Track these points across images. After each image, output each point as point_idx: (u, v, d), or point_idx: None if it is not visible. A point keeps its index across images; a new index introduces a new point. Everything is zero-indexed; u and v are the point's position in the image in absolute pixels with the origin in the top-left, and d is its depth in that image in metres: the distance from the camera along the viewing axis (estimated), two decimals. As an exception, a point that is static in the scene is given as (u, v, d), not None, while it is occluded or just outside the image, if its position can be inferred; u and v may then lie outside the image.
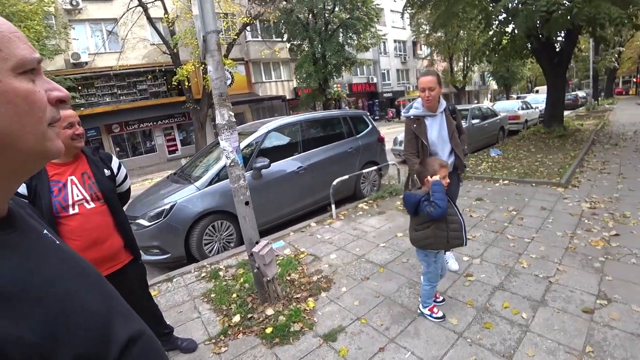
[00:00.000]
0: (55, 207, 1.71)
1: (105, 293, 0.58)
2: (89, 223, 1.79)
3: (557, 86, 10.33)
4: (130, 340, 0.53)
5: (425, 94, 2.65)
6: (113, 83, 16.90)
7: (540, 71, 11.88)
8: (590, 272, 2.85)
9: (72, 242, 1.74)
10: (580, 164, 6.57)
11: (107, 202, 1.88)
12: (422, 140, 2.73)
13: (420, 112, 2.77)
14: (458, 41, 26.56)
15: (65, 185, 1.77)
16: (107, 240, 1.86)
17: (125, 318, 0.57)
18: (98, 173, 1.89)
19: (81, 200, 1.79)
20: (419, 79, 2.72)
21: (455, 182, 3.00)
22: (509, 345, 2.14)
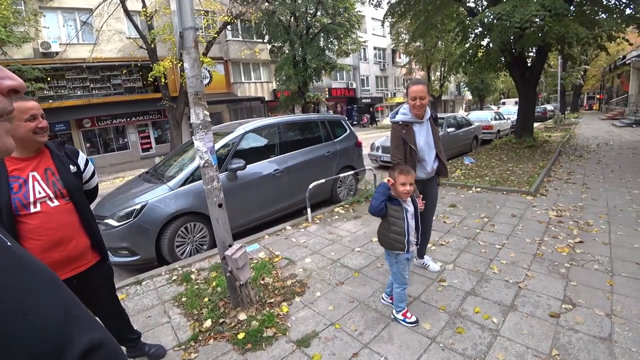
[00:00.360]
0: (15, 205, 1.59)
1: (62, 298, 0.53)
2: (52, 222, 1.68)
3: (528, 99, 10.80)
4: (90, 349, 0.48)
5: (416, 102, 2.70)
6: (85, 76, 16.16)
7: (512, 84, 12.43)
8: (557, 277, 2.96)
9: (34, 242, 1.64)
10: (548, 174, 6.87)
11: (72, 200, 1.77)
12: (411, 146, 2.76)
13: (409, 118, 2.81)
14: (436, 51, 27.34)
15: (26, 182, 1.65)
16: (72, 240, 1.76)
17: (85, 325, 0.52)
18: (63, 169, 1.77)
19: (44, 198, 1.67)
20: (410, 87, 2.76)
21: (435, 186, 3.10)
22: (480, 350, 2.17)
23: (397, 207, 2.29)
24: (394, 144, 2.85)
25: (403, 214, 2.29)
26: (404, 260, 2.41)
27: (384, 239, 2.40)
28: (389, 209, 2.29)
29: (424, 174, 2.91)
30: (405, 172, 2.24)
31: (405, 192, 2.23)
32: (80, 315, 0.52)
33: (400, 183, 2.22)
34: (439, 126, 10.32)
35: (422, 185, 2.96)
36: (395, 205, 2.29)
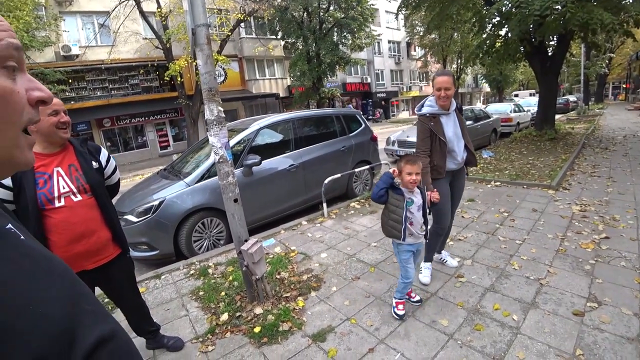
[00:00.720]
0: (41, 200, 1.66)
1: (73, 291, 0.53)
2: (75, 216, 1.75)
3: (549, 90, 10.43)
4: (100, 341, 0.49)
5: (441, 93, 2.68)
6: (104, 77, 16.57)
7: (532, 75, 12.00)
8: (581, 274, 2.86)
9: (58, 235, 1.70)
10: (571, 167, 6.63)
11: (94, 195, 1.83)
12: (440, 137, 2.74)
13: (436, 110, 2.79)
14: (452, 43, 26.73)
15: (51, 177, 1.71)
16: (94, 233, 1.82)
17: (95, 318, 0.52)
18: (85, 165, 1.84)
19: (67, 193, 1.74)
20: (435, 78, 2.75)
21: (463, 176, 3.09)
22: (500, 348, 2.12)
23: (399, 196, 2.31)
24: (420, 136, 2.81)
25: (403, 203, 2.29)
26: (404, 252, 2.42)
27: (385, 225, 2.45)
28: (390, 197, 2.32)
29: (454, 164, 2.87)
30: (411, 161, 2.24)
31: (411, 182, 2.24)
32: (91, 309, 0.53)
33: (406, 172, 2.24)
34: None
35: (452, 175, 2.94)
36: (397, 195, 2.31)
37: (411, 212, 2.31)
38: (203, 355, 2.32)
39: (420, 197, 2.36)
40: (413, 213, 2.31)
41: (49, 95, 0.49)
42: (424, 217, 2.38)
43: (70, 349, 0.45)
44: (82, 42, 15.72)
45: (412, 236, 2.35)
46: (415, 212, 2.32)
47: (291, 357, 2.22)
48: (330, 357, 2.18)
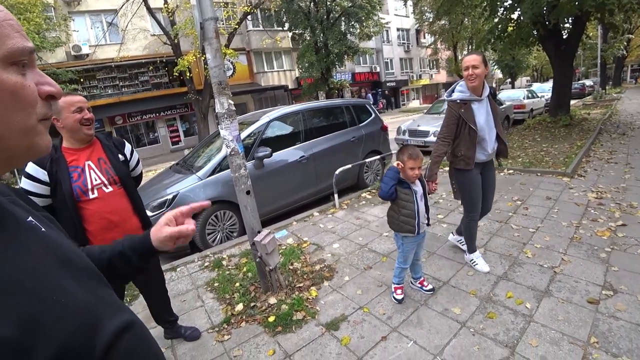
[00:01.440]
0: (76, 192, 1.77)
1: (93, 282, 0.55)
2: (108, 206, 1.86)
3: (563, 75, 10.13)
4: (119, 331, 0.51)
5: (469, 72, 2.52)
6: (115, 75, 16.80)
7: (546, 60, 11.62)
8: (596, 262, 2.82)
9: (94, 225, 1.82)
10: (587, 154, 6.47)
11: (123, 186, 1.94)
12: (470, 125, 2.58)
13: (467, 95, 2.61)
14: (462, 29, 26.07)
15: (84, 170, 1.82)
16: (126, 222, 1.93)
17: (115, 308, 0.55)
18: (113, 158, 1.95)
19: (100, 185, 1.84)
20: (464, 58, 2.64)
21: (493, 168, 2.95)
22: (513, 335, 2.13)
23: (407, 190, 2.30)
24: (446, 122, 2.67)
25: (413, 196, 2.29)
26: (410, 243, 2.43)
27: (394, 221, 2.42)
28: (399, 192, 2.31)
29: (484, 155, 2.72)
30: (414, 156, 2.23)
31: (414, 176, 2.26)
32: (109, 299, 0.55)
33: (409, 167, 2.24)
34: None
35: (482, 167, 2.80)
36: (405, 189, 2.30)
37: (417, 204, 2.31)
38: (219, 345, 2.39)
39: (421, 186, 2.37)
40: (418, 204, 2.32)
41: (58, 90, 0.51)
42: (426, 205, 2.39)
43: (92, 338, 0.47)
44: (91, 41, 15.94)
45: (420, 227, 2.36)
46: (419, 202, 2.33)
47: (305, 345, 2.27)
48: (344, 345, 2.22)
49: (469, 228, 2.92)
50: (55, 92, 0.50)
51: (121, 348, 0.50)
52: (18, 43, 0.44)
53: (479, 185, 2.78)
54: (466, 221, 2.92)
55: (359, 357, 2.11)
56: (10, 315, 0.39)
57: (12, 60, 0.43)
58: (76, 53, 15.18)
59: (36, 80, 0.47)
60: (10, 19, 0.45)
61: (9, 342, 0.37)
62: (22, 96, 0.44)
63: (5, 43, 0.43)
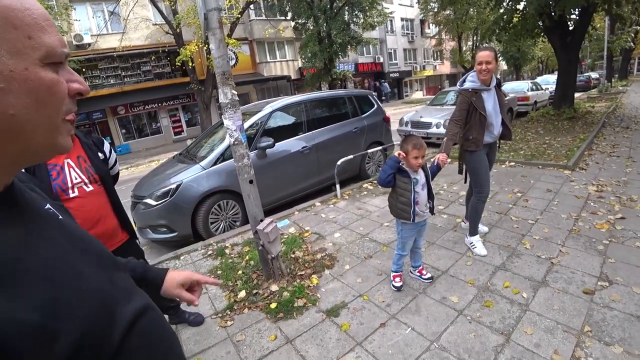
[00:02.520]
0: (56, 190, 1.73)
1: (109, 269, 0.57)
2: (88, 205, 1.83)
3: (568, 66, 10.02)
4: (136, 316, 0.53)
5: (482, 67, 2.77)
6: (117, 64, 16.74)
7: (552, 51, 11.45)
8: (593, 254, 2.86)
9: None
10: (589, 147, 6.46)
11: (104, 184, 1.92)
12: (480, 112, 2.85)
13: (478, 85, 2.88)
14: (467, 19, 25.73)
15: (63, 169, 1.79)
16: (104, 220, 1.91)
17: (130, 294, 0.57)
18: (93, 156, 1.92)
19: (80, 183, 1.82)
20: (478, 53, 2.86)
21: (496, 149, 3.29)
22: (508, 324, 2.18)
23: (406, 179, 2.36)
24: (458, 107, 2.93)
25: (411, 186, 2.34)
26: (409, 230, 2.50)
27: (393, 208, 2.52)
28: (397, 180, 2.38)
29: (490, 138, 3.03)
30: (418, 146, 2.27)
31: (417, 165, 2.30)
32: (124, 285, 0.57)
33: (413, 157, 2.27)
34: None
35: (488, 148, 3.11)
36: (404, 177, 2.36)
37: (416, 191, 2.35)
38: (222, 330, 2.46)
39: (423, 173, 2.41)
40: (418, 192, 2.36)
41: (86, 87, 0.52)
42: (429, 192, 2.43)
43: (111, 323, 0.49)
44: (93, 31, 15.81)
45: (417, 216, 2.40)
46: (420, 190, 2.37)
47: (306, 331, 2.33)
48: (344, 331, 2.28)
49: (476, 208, 3.10)
50: (83, 90, 0.51)
51: (137, 332, 0.52)
52: (57, 46, 0.45)
53: (486, 165, 3.05)
54: (475, 201, 3.10)
55: (358, 342, 2.17)
56: (34, 301, 0.41)
57: (49, 60, 0.45)
58: (78, 43, 15.09)
59: (66, 78, 0.49)
60: (49, 19, 0.46)
61: (36, 327, 0.39)
62: (56, 92, 0.46)
63: (47, 44, 0.44)
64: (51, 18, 0.47)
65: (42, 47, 0.44)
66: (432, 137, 8.14)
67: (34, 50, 0.43)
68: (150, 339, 0.56)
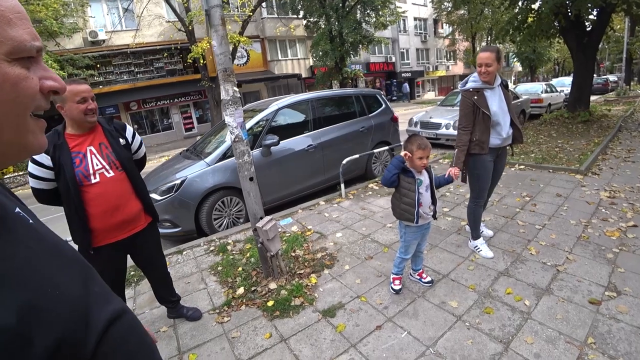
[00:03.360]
0: (79, 177, 1.81)
1: (83, 274, 0.55)
2: (109, 190, 1.90)
3: (584, 68, 9.75)
4: (110, 321, 0.51)
5: (482, 69, 2.70)
6: (130, 61, 16.97)
7: (568, 53, 11.10)
8: (602, 262, 2.76)
9: (96, 208, 1.86)
10: (604, 151, 6.28)
11: (125, 170, 1.98)
12: (483, 110, 2.74)
13: (479, 84, 2.79)
14: (482, 19, 25.34)
15: (85, 156, 1.86)
16: (127, 205, 1.98)
17: (104, 299, 0.55)
18: (114, 143, 1.98)
19: (101, 169, 1.89)
20: (478, 54, 2.77)
21: (505, 156, 3.14)
22: (508, 332, 2.12)
23: (410, 179, 2.31)
24: (462, 112, 2.84)
25: (415, 186, 2.29)
26: (412, 234, 2.45)
27: (396, 209, 2.45)
28: (401, 180, 2.33)
29: (499, 139, 2.84)
30: (422, 146, 2.23)
31: (421, 165, 2.26)
32: (99, 290, 0.55)
33: (417, 157, 2.23)
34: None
35: (496, 154, 2.94)
36: (408, 177, 2.31)
37: (420, 192, 2.31)
38: (219, 326, 2.46)
39: (428, 176, 2.37)
40: (422, 193, 2.32)
41: (62, 85, 0.50)
42: (432, 196, 2.38)
43: (85, 329, 0.47)
44: (107, 27, 16.06)
45: (421, 218, 2.35)
46: (424, 192, 2.33)
47: (301, 330, 2.32)
48: (339, 332, 2.25)
49: (474, 214, 3.02)
50: (59, 88, 0.49)
51: (112, 337, 0.51)
52: (26, 40, 0.43)
53: (489, 172, 2.91)
54: (472, 207, 3.02)
55: (352, 344, 2.14)
56: (7, 307, 0.39)
57: (17, 56, 0.42)
58: (93, 39, 15.36)
59: (40, 75, 0.47)
60: (20, 12, 0.43)
61: (9, 333, 0.38)
62: (23, 88, 0.44)
63: (14, 38, 0.42)
64: (24, 10, 0.45)
65: (8, 41, 0.42)
66: (441, 138, 8.03)
67: None
68: (127, 344, 0.55)
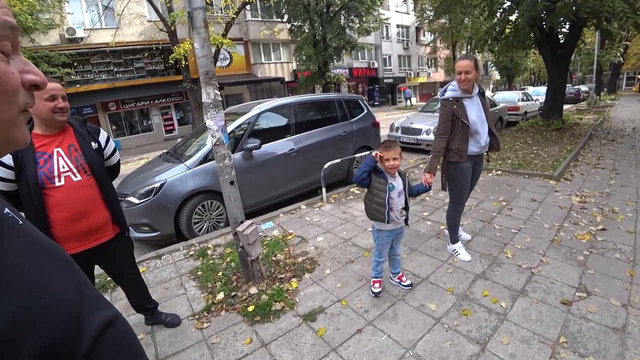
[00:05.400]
0: (41, 178, 1.71)
1: (75, 277, 0.53)
2: (75, 195, 1.79)
3: (558, 78, 10.21)
4: (104, 326, 0.50)
5: (462, 77, 2.74)
6: (109, 60, 16.52)
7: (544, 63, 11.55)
8: (573, 264, 2.88)
9: (59, 214, 1.75)
10: (575, 158, 6.56)
11: (94, 175, 1.87)
12: (462, 120, 2.79)
13: (458, 93, 2.82)
14: (462, 29, 26.10)
15: (51, 157, 1.75)
16: (93, 212, 1.86)
17: (97, 303, 0.53)
18: (85, 145, 1.87)
19: (67, 172, 1.78)
20: (457, 62, 2.81)
21: (482, 162, 3.20)
22: (485, 333, 2.17)
23: (382, 179, 2.34)
24: (441, 119, 2.87)
25: (386, 186, 2.32)
26: (384, 237, 2.49)
27: (368, 209, 2.47)
28: (373, 180, 2.35)
29: (477, 148, 2.92)
30: (388, 147, 2.27)
31: (390, 167, 2.28)
32: (91, 294, 0.53)
33: (385, 159, 2.26)
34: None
35: (474, 161, 3.00)
36: (380, 178, 2.34)
37: (392, 198, 2.34)
38: (198, 332, 2.41)
39: (402, 182, 2.39)
40: (393, 198, 2.34)
41: (42, 79, 0.48)
42: (405, 202, 2.41)
43: (78, 332, 0.46)
44: (86, 25, 15.59)
45: (392, 221, 2.38)
46: (395, 197, 2.35)
47: (282, 335, 2.30)
48: (319, 336, 2.25)
49: (454, 219, 3.10)
50: (40, 82, 0.47)
51: (106, 342, 0.49)
52: None
53: (468, 179, 2.98)
54: (452, 212, 3.09)
55: (332, 348, 2.14)
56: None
57: None
58: (70, 36, 14.86)
59: (20, 68, 0.45)
60: None
61: None
62: (3, 83, 0.42)
63: None
64: None
65: None
66: (421, 144, 8.19)
67: None
68: (119, 351, 0.53)
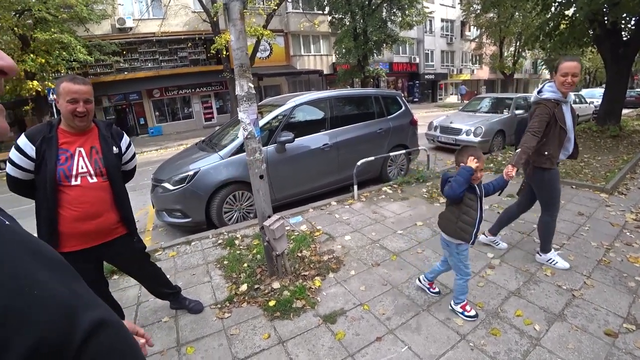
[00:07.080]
0: (59, 175, 1.74)
1: (65, 276, 0.53)
2: (87, 196, 1.82)
3: (618, 80, 9.28)
4: (97, 325, 0.49)
5: (567, 79, 2.56)
6: (155, 49, 17.37)
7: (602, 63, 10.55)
8: (622, 291, 2.60)
9: (70, 212, 1.78)
10: (633, 170, 5.97)
11: (109, 179, 1.90)
12: (561, 125, 2.66)
13: (559, 96, 2.66)
14: (512, 24, 24.46)
15: (72, 156, 1.79)
16: (103, 214, 1.89)
17: (89, 302, 0.53)
18: (106, 149, 1.90)
19: (84, 173, 1.81)
20: (562, 62, 2.59)
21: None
22: (514, 357, 2.02)
23: (473, 195, 2.14)
24: (538, 118, 2.65)
25: (477, 203, 2.14)
26: (464, 252, 2.27)
27: (451, 225, 2.21)
28: (465, 196, 2.12)
29: (564, 155, 2.84)
30: (479, 156, 2.07)
31: (477, 178, 2.12)
32: (84, 292, 0.53)
33: (479, 169, 2.08)
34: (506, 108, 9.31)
35: None
36: (471, 194, 2.13)
37: (479, 211, 2.17)
38: (219, 321, 2.46)
39: (479, 191, 2.20)
40: (479, 210, 2.18)
41: (9, 64, 0.46)
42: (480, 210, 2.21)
43: (69, 331, 0.45)
44: (135, 15, 16.47)
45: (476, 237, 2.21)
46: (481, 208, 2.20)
47: (300, 334, 2.28)
48: (338, 339, 2.21)
49: (549, 227, 2.93)
50: (6, 67, 0.46)
51: (98, 342, 0.49)
52: None
53: (559, 182, 2.86)
54: (549, 221, 2.92)
55: (350, 353, 2.09)
56: None
57: None
58: (120, 26, 15.76)
59: None
60: None
61: None
62: None
63: None
64: None
65: None
66: (460, 145, 7.82)
67: None
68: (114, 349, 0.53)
